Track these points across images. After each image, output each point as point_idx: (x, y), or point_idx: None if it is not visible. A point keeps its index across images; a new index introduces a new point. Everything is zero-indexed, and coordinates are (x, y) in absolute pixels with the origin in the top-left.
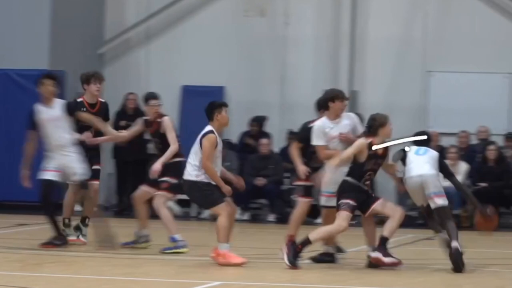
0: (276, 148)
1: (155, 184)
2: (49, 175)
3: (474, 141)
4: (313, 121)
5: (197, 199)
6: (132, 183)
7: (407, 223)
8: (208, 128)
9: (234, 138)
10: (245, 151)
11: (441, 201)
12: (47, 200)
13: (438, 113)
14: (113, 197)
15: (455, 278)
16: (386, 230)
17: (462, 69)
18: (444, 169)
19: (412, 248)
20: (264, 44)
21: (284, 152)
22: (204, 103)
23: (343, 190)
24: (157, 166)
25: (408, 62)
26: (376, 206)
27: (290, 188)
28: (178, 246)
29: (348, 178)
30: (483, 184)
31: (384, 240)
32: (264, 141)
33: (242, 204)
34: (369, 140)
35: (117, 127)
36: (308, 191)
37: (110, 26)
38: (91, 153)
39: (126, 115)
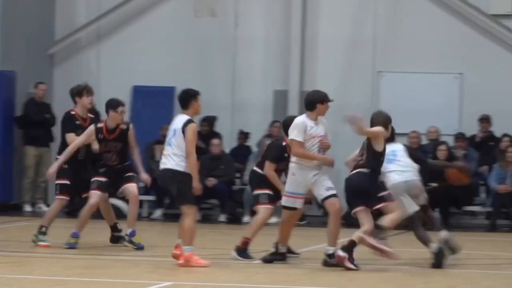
0: (227, 149)
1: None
2: None
3: (424, 141)
4: (284, 139)
5: (177, 190)
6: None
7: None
8: (186, 117)
9: None
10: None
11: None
12: None
13: (388, 113)
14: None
15: (406, 278)
16: (356, 234)
17: (412, 69)
18: (416, 158)
19: (363, 248)
20: (214, 44)
21: (235, 152)
22: (155, 104)
23: (378, 187)
24: (146, 175)
25: (358, 63)
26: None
27: (241, 189)
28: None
29: (367, 171)
30: (433, 184)
31: (353, 244)
32: (215, 141)
33: None
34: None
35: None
36: (270, 199)
37: (60, 27)
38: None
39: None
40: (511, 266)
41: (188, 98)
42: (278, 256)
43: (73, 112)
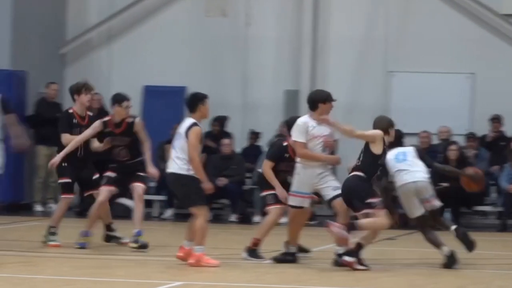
0: (238, 148)
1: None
2: None
3: (435, 141)
4: (286, 139)
5: (182, 193)
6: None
7: None
8: (191, 120)
9: None
10: (206, 153)
11: (438, 202)
12: None
13: (399, 113)
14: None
15: (416, 278)
16: (362, 238)
17: (423, 69)
18: (423, 160)
19: (373, 248)
20: (226, 44)
21: (246, 152)
22: (166, 104)
23: (369, 192)
24: (153, 169)
25: (370, 62)
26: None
27: (252, 188)
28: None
29: (363, 175)
30: (444, 184)
31: (360, 247)
32: (226, 141)
33: None
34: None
35: None
36: (278, 199)
37: (72, 26)
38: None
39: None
40: None
41: (195, 101)
42: (288, 256)
43: (71, 111)
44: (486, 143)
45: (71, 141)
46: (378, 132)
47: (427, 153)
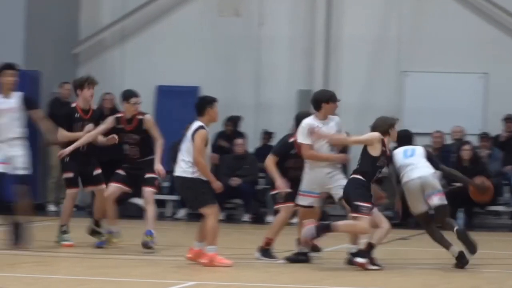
0: (251, 148)
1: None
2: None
3: (448, 141)
4: (293, 135)
5: (189, 196)
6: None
7: None
8: (198, 123)
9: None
10: (219, 153)
11: (442, 200)
12: None
13: (412, 113)
14: (88, 196)
15: (430, 278)
16: (373, 238)
17: (436, 69)
18: (431, 161)
19: (386, 248)
20: (239, 44)
21: (259, 152)
22: (179, 103)
23: (362, 193)
24: (160, 166)
25: (383, 62)
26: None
27: (265, 188)
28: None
29: (360, 177)
30: (457, 184)
31: (371, 247)
32: (239, 141)
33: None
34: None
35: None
36: (288, 197)
37: (85, 26)
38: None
39: (103, 115)
40: None
41: (204, 105)
42: (301, 256)
43: (73, 105)
44: (499, 143)
45: (66, 136)
46: (374, 134)
47: (438, 154)
